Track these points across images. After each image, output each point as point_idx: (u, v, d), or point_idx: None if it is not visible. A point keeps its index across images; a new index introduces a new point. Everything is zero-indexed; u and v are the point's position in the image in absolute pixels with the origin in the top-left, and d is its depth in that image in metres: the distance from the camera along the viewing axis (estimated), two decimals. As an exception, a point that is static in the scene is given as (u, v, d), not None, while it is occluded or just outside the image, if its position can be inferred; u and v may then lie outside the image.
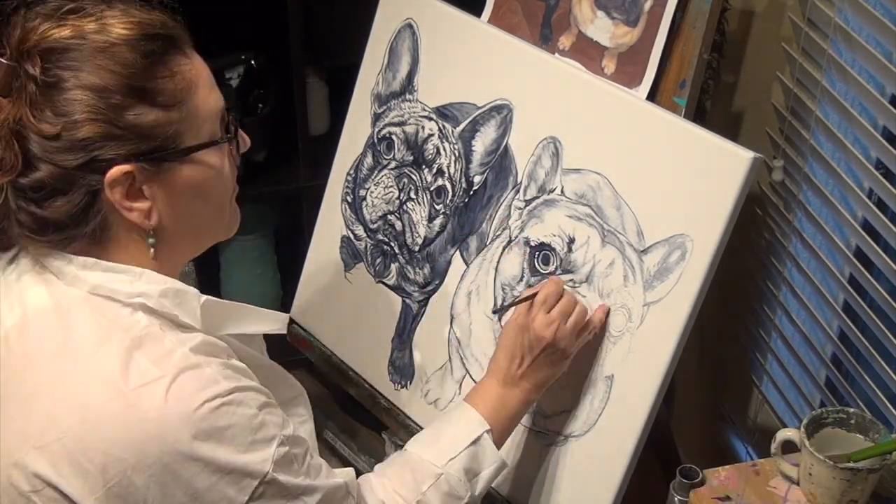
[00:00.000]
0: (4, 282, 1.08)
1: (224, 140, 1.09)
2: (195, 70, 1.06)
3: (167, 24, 1.05)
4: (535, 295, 1.30)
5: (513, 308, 1.33)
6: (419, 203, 1.56)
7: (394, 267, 1.60)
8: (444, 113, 1.54)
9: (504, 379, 1.29)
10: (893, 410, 1.33)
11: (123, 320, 1.02)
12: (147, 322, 1.03)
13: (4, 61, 1.00)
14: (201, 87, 1.06)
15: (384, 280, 1.62)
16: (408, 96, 1.59)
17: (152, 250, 1.06)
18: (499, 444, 1.28)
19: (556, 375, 1.31)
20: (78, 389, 0.99)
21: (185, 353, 1.01)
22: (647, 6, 1.38)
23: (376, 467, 1.25)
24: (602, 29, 1.43)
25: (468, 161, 1.50)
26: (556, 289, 1.30)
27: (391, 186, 1.59)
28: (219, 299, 1.10)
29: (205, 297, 1.07)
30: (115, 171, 1.00)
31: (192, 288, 1.07)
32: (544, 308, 1.28)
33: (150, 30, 1.03)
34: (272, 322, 1.18)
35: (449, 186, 1.52)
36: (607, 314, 1.32)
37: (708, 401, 1.85)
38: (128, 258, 1.05)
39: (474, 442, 1.25)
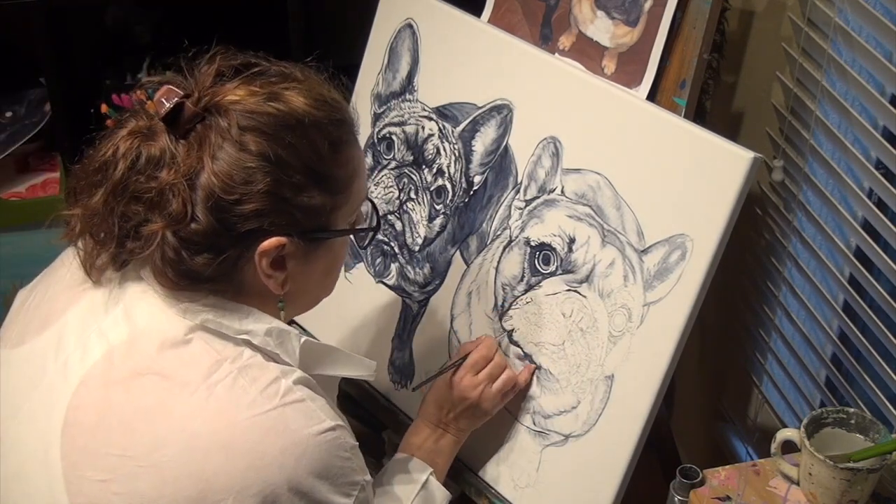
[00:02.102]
0: (107, 299, 1.07)
1: (372, 229, 1.14)
2: (359, 158, 1.10)
3: (346, 109, 1.08)
4: (462, 360, 1.37)
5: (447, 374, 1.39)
6: (419, 203, 1.56)
7: (394, 267, 1.60)
8: (444, 113, 1.54)
9: (435, 423, 1.37)
10: (893, 410, 1.33)
11: (230, 352, 1.03)
12: (250, 353, 1.04)
13: (192, 106, 0.99)
14: (361, 174, 1.10)
15: (384, 280, 1.62)
16: (408, 96, 1.59)
17: (282, 313, 1.09)
18: (441, 482, 1.35)
19: (480, 423, 1.39)
20: (185, 416, 0.99)
21: (289, 386, 1.03)
22: (647, 6, 1.38)
23: None
24: (602, 29, 1.43)
25: (468, 161, 1.50)
26: (487, 353, 1.37)
27: (391, 186, 1.59)
28: (316, 341, 1.12)
29: (304, 337, 1.09)
30: (273, 241, 1.02)
31: (293, 329, 1.09)
32: (472, 370, 1.36)
33: (336, 115, 1.05)
34: (362, 368, 1.21)
35: (449, 186, 1.52)
36: (532, 373, 1.39)
37: (708, 401, 1.85)
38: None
39: (423, 486, 1.31)
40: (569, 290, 1.37)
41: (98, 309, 1.07)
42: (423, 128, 1.56)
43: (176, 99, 0.99)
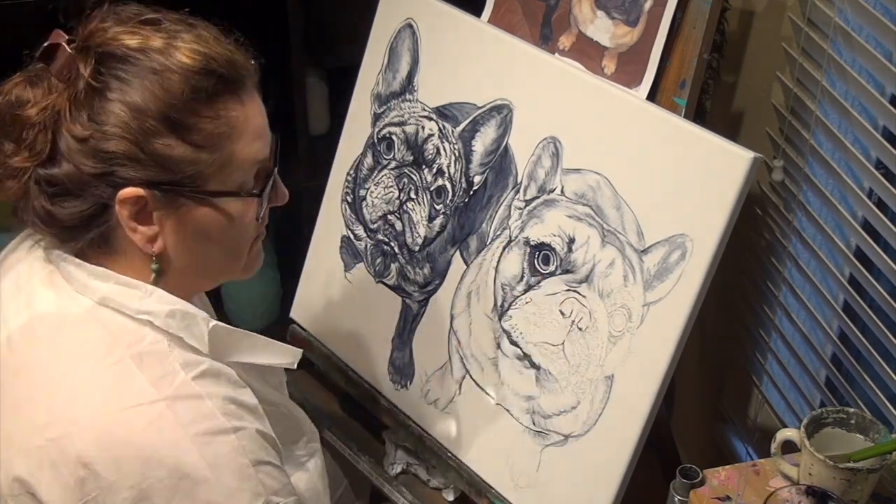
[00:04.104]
0: (15, 287, 1.06)
1: (251, 195, 1.06)
2: (243, 118, 1.03)
3: (234, 64, 1.03)
4: None
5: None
6: (419, 203, 1.56)
7: (394, 267, 1.60)
8: (444, 113, 1.54)
9: None
10: (893, 410, 1.33)
11: (129, 334, 1.00)
12: (153, 338, 1.01)
13: (69, 49, 0.99)
14: (244, 136, 1.03)
15: (384, 280, 1.62)
16: (408, 96, 1.59)
17: (153, 276, 1.04)
18: None
19: None
20: (68, 400, 0.97)
21: (187, 380, 0.99)
22: (647, 6, 1.38)
23: None
24: (602, 29, 1.43)
25: (468, 161, 1.50)
26: None
27: (391, 186, 1.59)
28: (229, 326, 1.07)
29: (214, 322, 1.05)
30: (128, 191, 0.99)
31: (201, 311, 1.05)
32: None
33: (211, 65, 1.00)
34: (284, 355, 1.14)
35: (449, 186, 1.52)
36: None
37: (708, 401, 1.85)
38: (135, 275, 1.04)
39: None
40: (568, 290, 1.37)
41: (4, 297, 1.06)
42: (423, 128, 1.56)
43: (53, 41, 1.00)
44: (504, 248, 1.45)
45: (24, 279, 1.06)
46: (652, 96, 1.38)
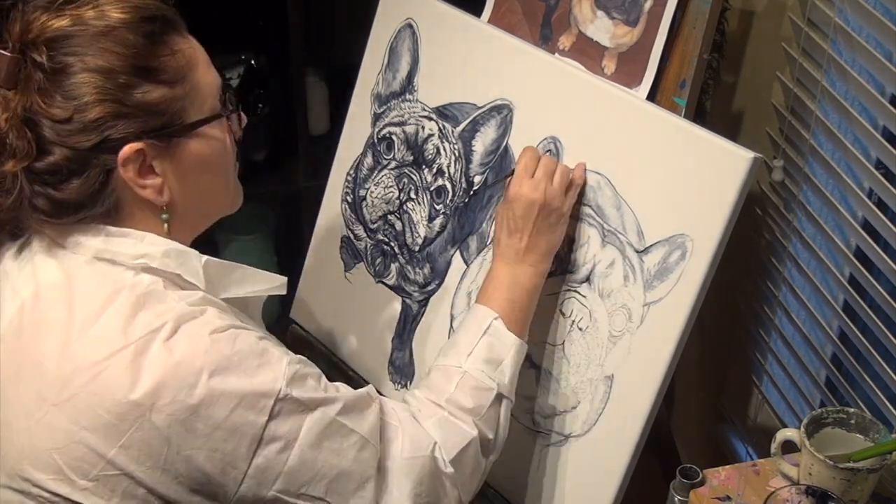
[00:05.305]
0: (18, 262, 1.12)
1: (226, 113, 1.13)
2: (193, 48, 1.11)
3: (161, 7, 1.09)
4: (512, 173, 1.33)
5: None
6: (419, 203, 1.56)
7: (394, 267, 1.60)
8: (444, 113, 1.54)
9: (510, 257, 1.30)
10: (893, 410, 1.33)
11: (127, 281, 1.06)
12: (150, 280, 1.07)
13: (8, 53, 1.03)
14: (201, 65, 1.11)
15: (384, 280, 1.62)
16: (408, 96, 1.59)
17: (166, 226, 1.10)
18: (519, 326, 1.28)
19: (558, 241, 1.32)
20: (85, 348, 1.03)
21: (184, 306, 1.05)
22: (647, 6, 1.38)
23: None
24: (602, 29, 1.43)
25: (468, 161, 1.50)
26: (534, 154, 1.33)
27: (391, 186, 1.59)
28: (220, 259, 1.13)
29: (206, 256, 1.11)
30: (128, 149, 1.04)
31: (192, 249, 1.11)
32: (527, 174, 1.30)
33: (146, 12, 1.07)
34: (272, 282, 1.21)
35: (449, 186, 1.52)
36: (584, 170, 1.34)
37: (708, 401, 1.85)
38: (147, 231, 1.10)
39: (485, 332, 1.26)
40: (568, 290, 1.37)
41: (13, 270, 1.12)
42: (423, 128, 1.56)
43: None
44: (504, 248, 1.44)
45: (27, 259, 1.11)
46: (652, 96, 1.38)
